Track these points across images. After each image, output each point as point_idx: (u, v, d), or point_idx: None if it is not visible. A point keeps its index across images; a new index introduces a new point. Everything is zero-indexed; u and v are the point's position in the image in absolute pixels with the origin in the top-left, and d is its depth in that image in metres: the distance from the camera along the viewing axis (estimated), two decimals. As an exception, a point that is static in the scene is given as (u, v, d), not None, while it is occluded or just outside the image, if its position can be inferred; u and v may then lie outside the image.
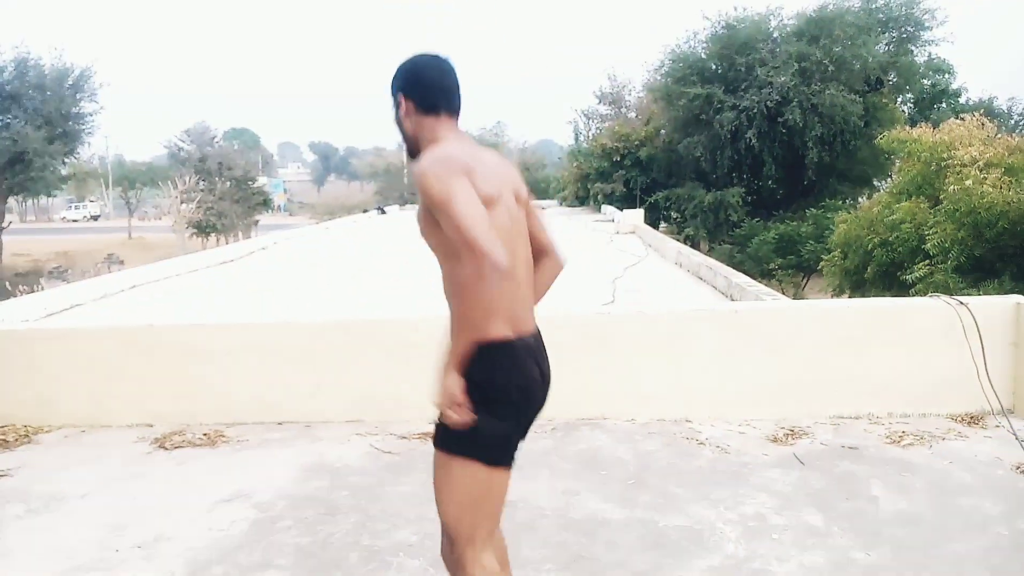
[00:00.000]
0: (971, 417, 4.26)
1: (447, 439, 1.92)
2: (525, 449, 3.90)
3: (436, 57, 2.03)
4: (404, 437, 4.17)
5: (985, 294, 7.81)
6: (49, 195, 46.07)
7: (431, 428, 2.03)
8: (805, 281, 20.27)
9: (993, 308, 4.32)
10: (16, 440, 4.33)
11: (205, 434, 4.30)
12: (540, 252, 2.17)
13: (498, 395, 1.90)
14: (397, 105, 2.01)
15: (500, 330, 1.89)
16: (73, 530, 3.22)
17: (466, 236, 1.70)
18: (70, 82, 30.58)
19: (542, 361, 2.10)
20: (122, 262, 31.80)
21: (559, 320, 4.45)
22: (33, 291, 10.01)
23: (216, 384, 4.51)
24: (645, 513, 3.23)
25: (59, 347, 4.59)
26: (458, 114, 2.03)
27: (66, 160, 34.08)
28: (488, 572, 1.92)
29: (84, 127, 32.00)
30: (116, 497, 3.55)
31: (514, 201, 2.00)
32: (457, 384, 1.82)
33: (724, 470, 3.67)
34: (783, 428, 4.19)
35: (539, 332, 2.13)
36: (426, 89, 1.98)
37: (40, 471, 3.89)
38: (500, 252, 1.70)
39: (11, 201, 39.89)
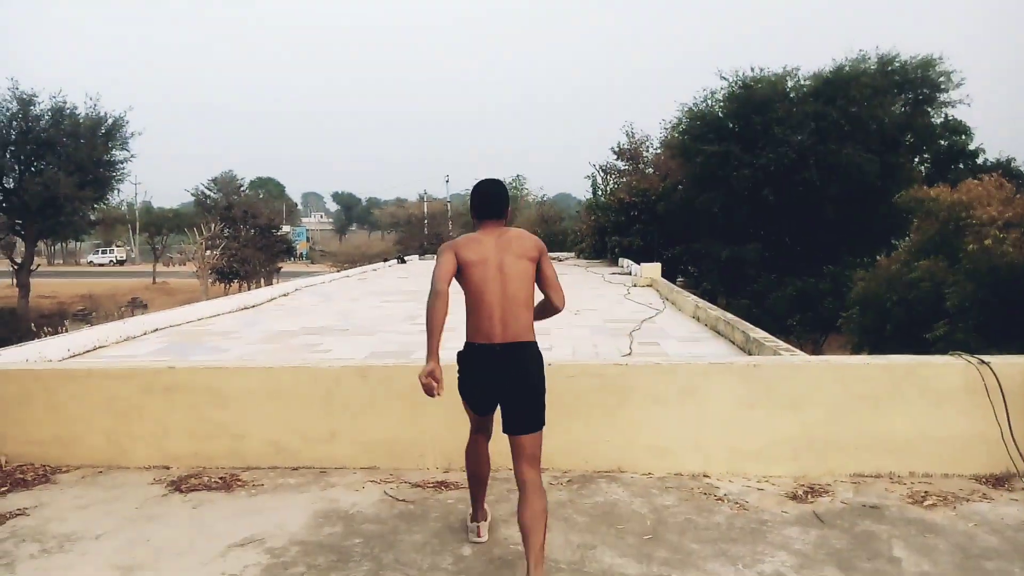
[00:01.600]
0: (995, 478, 4.17)
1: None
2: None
3: (483, 182, 3.44)
4: (418, 485, 4.15)
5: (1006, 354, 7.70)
6: (77, 239, 46.99)
7: (446, 477, 3.28)
8: (824, 338, 20.10)
9: (1015, 368, 4.26)
10: (34, 479, 4.36)
11: (221, 478, 4.30)
12: (545, 296, 3.41)
13: (460, 369, 3.37)
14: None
15: (469, 338, 3.31)
16: (86, 571, 3.22)
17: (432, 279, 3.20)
18: (103, 130, 31.47)
19: (498, 358, 3.22)
20: (145, 306, 32.22)
21: (575, 369, 4.46)
22: (57, 332, 10.15)
23: (233, 427, 4.54)
24: (661, 569, 3.17)
25: (79, 387, 4.65)
26: (492, 215, 3.36)
27: (95, 205, 34.87)
28: (468, 444, 3.58)
29: (115, 174, 32.76)
30: (130, 539, 3.54)
31: (500, 261, 3.26)
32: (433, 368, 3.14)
33: (742, 527, 3.61)
34: (802, 485, 4.13)
35: (511, 342, 3.22)
36: (473, 205, 3.42)
37: (56, 511, 3.91)
38: (434, 289, 3.17)
39: (40, 244, 40.75)
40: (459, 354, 3.36)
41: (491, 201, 3.36)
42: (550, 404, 3.81)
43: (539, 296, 3.41)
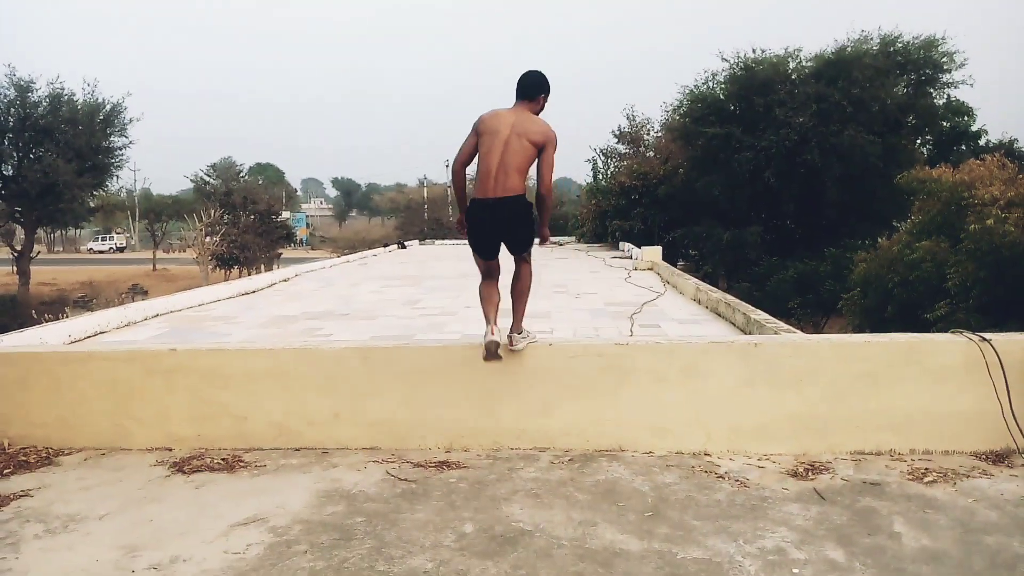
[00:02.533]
0: (995, 455, 4.18)
1: None
2: (541, 478, 3.90)
3: (525, 71, 4.44)
4: (420, 465, 4.17)
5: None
6: (77, 226, 46.96)
7: (447, 456, 4.26)
8: (824, 320, 20.10)
9: (1016, 344, 4.26)
10: (37, 461, 4.38)
11: (223, 459, 4.32)
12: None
13: (467, 223, 4.42)
14: None
15: (473, 195, 4.32)
16: (90, 551, 3.23)
17: None
18: (102, 117, 31.35)
19: (491, 211, 4.25)
20: (146, 292, 32.24)
21: (576, 350, 4.47)
22: (58, 319, 10.16)
23: (235, 409, 4.55)
24: (663, 545, 3.19)
25: (80, 370, 4.66)
26: (521, 97, 4.38)
27: (95, 192, 34.80)
28: (480, 287, 4.54)
29: (114, 161, 32.68)
30: (133, 519, 3.56)
31: (507, 136, 4.19)
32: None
33: (743, 504, 3.62)
34: (803, 463, 4.14)
35: (500, 197, 4.20)
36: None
37: (60, 492, 3.92)
38: (451, 170, 4.43)
39: (39, 231, 40.72)
40: (467, 209, 4.37)
41: (521, 85, 4.37)
42: (552, 384, 3.82)
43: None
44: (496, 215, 4.26)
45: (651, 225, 24.85)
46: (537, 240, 4.55)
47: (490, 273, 4.52)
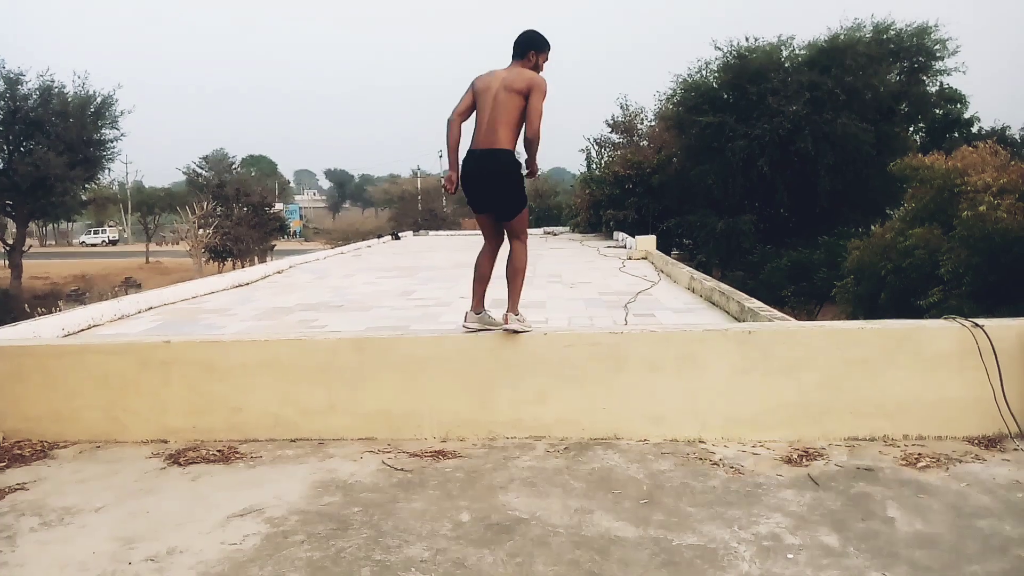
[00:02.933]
0: (988, 440, 4.21)
1: None
2: (537, 467, 3.91)
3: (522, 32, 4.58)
4: (416, 455, 4.17)
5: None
6: (69, 220, 46.73)
7: (443, 446, 4.29)
8: (818, 308, 20.17)
9: (1009, 330, 4.29)
10: (32, 455, 4.37)
11: (219, 450, 4.32)
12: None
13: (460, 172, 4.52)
14: None
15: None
16: (86, 543, 3.23)
17: None
18: (92, 109, 31.13)
19: (477, 161, 4.41)
20: (139, 285, 32.12)
21: (571, 338, 4.47)
22: (51, 313, 10.12)
23: (230, 401, 4.55)
24: (658, 532, 3.21)
25: (75, 363, 4.65)
26: (514, 56, 4.50)
27: (86, 185, 34.61)
28: (476, 256, 4.73)
29: (105, 153, 32.49)
30: (130, 511, 3.56)
31: (496, 91, 4.33)
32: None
33: (738, 490, 3.64)
34: (797, 449, 4.16)
35: (485, 149, 4.36)
36: None
37: (55, 485, 3.92)
38: (448, 120, 4.47)
39: (31, 225, 40.50)
40: (462, 161, 4.49)
41: (514, 45, 4.52)
42: (547, 374, 3.81)
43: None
44: (482, 165, 4.38)
45: (645, 214, 24.86)
46: (525, 172, 4.57)
47: (487, 238, 4.66)
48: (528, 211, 4.62)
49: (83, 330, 7.27)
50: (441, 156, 60.66)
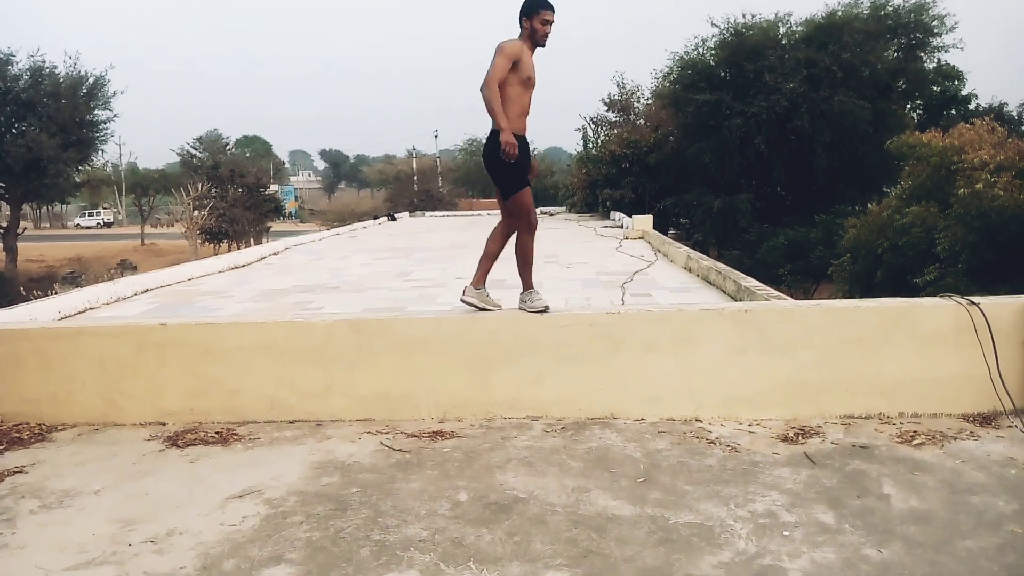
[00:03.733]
0: (983, 417, 4.24)
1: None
2: (534, 447, 3.93)
3: None
4: (414, 435, 4.19)
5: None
6: (63, 202, 46.52)
7: (441, 427, 4.25)
8: (815, 287, 20.21)
9: (1005, 308, 4.29)
10: (30, 438, 4.38)
11: (217, 432, 4.33)
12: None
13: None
14: None
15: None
16: (86, 525, 3.25)
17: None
18: (84, 90, 30.86)
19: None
20: (135, 267, 32.05)
21: (568, 319, 4.47)
22: (47, 295, 10.09)
23: (228, 383, 4.55)
24: (655, 510, 3.23)
25: (72, 346, 4.64)
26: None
27: (80, 167, 34.39)
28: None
29: (98, 135, 32.26)
30: (129, 493, 3.57)
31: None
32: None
33: (734, 468, 3.66)
34: (793, 427, 4.18)
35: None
36: None
37: (54, 467, 3.93)
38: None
39: (25, 208, 40.28)
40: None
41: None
42: (544, 354, 3.81)
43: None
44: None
45: (642, 194, 24.81)
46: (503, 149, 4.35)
47: (501, 215, 4.76)
48: (527, 196, 4.53)
49: (79, 313, 7.25)
50: (437, 136, 60.44)
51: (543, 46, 4.50)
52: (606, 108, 31.15)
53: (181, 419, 4.55)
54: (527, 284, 4.66)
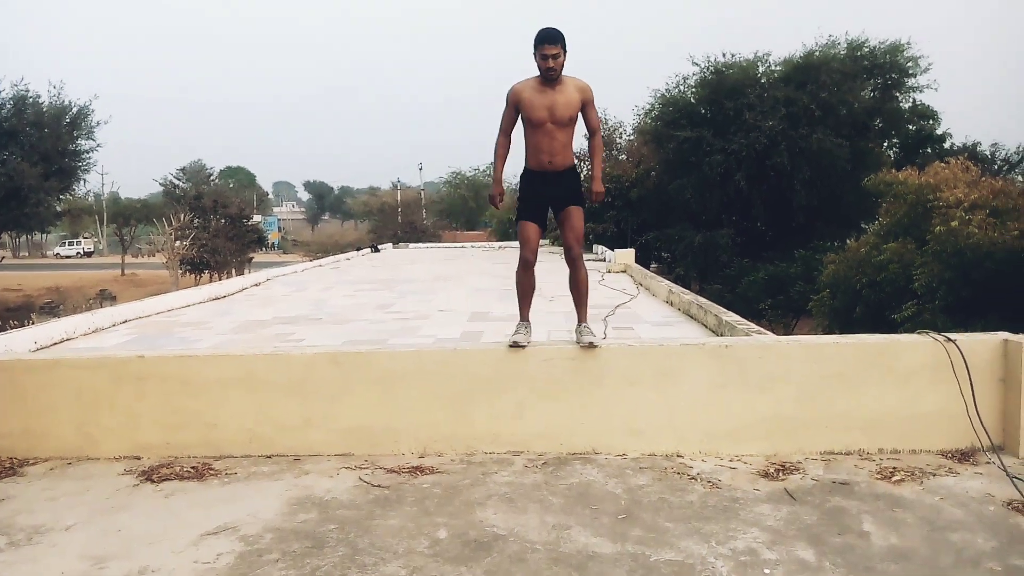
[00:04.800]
0: (961, 453, 4.27)
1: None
2: (515, 482, 3.90)
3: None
4: (394, 471, 4.14)
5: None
6: (43, 231, 46.02)
7: (421, 462, 4.24)
8: (795, 321, 20.37)
9: (981, 345, 4.35)
10: (1, 472, 4.28)
11: (193, 467, 4.26)
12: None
13: None
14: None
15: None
16: (56, 563, 3.16)
17: None
18: (68, 119, 30.73)
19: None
20: (114, 297, 31.66)
21: (551, 353, 4.48)
22: (23, 325, 9.94)
23: (205, 416, 4.48)
24: (636, 547, 3.20)
25: (46, 378, 4.56)
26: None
27: (61, 196, 34.11)
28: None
29: (80, 164, 32.05)
30: (101, 529, 3.49)
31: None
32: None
33: (715, 505, 3.65)
34: (774, 463, 4.19)
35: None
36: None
37: (24, 503, 3.84)
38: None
39: (4, 236, 39.83)
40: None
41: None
42: (525, 388, 3.81)
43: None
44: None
45: (624, 228, 25.02)
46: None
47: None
48: (521, 229, 4.71)
49: (56, 344, 7.15)
50: (422, 168, 60.90)
51: (549, 79, 4.50)
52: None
53: (157, 453, 4.47)
54: (522, 316, 4.74)
